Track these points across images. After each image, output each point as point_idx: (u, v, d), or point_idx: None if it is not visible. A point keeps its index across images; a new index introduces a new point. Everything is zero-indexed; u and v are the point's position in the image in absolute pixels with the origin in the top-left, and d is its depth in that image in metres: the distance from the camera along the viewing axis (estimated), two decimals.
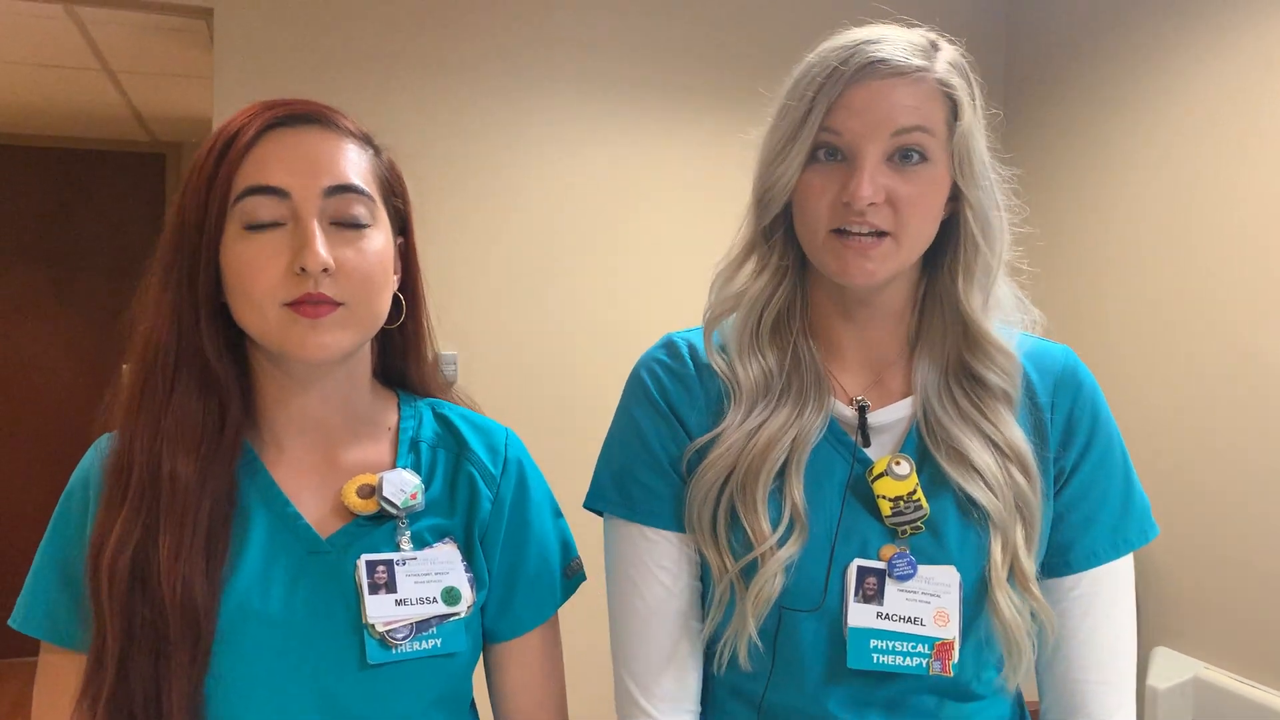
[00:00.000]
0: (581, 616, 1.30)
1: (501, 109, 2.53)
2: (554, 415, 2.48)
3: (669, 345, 1.04)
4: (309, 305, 0.87)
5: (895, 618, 0.91)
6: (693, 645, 1.00)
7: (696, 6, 2.65)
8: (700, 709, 1.02)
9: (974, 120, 0.94)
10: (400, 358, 1.04)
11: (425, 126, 2.47)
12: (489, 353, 2.52)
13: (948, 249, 0.97)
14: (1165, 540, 2.26)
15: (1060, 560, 0.97)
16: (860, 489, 0.95)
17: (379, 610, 0.90)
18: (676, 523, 0.98)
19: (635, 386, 1.03)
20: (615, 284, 2.62)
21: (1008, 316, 0.99)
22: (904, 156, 0.90)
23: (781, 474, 0.94)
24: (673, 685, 0.99)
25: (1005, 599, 0.91)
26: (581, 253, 2.60)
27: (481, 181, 2.51)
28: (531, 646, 1.03)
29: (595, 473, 1.04)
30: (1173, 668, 2.19)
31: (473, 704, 1.03)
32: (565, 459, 1.47)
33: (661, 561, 0.99)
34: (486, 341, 2.52)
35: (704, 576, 1.00)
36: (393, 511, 0.94)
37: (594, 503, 1.03)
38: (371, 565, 0.91)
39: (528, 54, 2.53)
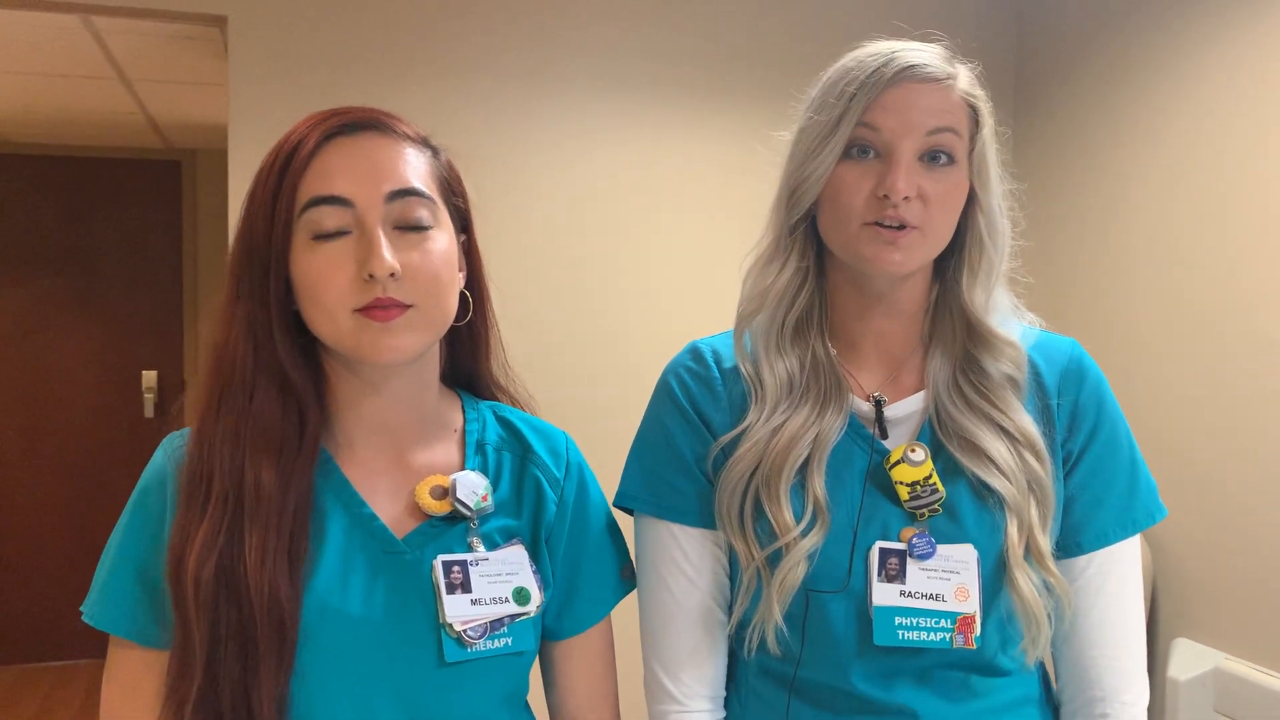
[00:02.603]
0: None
1: (518, 109, 2.54)
2: (558, 416, 2.47)
3: (694, 351, 1.09)
4: (379, 310, 0.88)
5: (918, 595, 0.96)
6: (717, 636, 1.05)
7: (716, 5, 2.65)
8: (727, 693, 1.07)
9: (991, 130, 1.00)
10: (469, 355, 1.06)
11: (440, 129, 2.46)
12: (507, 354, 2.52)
13: (954, 249, 1.03)
14: (1186, 531, 2.25)
15: (1072, 541, 1.02)
16: (879, 477, 1.00)
17: (456, 610, 0.92)
18: (702, 520, 1.03)
19: (662, 392, 1.08)
20: (633, 285, 2.62)
21: (1005, 318, 1.04)
22: (932, 157, 0.96)
23: (804, 469, 0.99)
24: (699, 672, 1.04)
25: (1023, 576, 0.95)
26: (598, 253, 2.60)
27: (497, 182, 2.52)
28: (589, 643, 1.05)
29: (624, 473, 1.09)
30: (1193, 659, 2.18)
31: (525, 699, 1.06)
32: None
33: (689, 557, 1.04)
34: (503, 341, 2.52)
35: (732, 574, 1.04)
36: (465, 513, 0.95)
37: (624, 501, 1.08)
38: (448, 565, 0.93)
39: (543, 53, 2.54)
